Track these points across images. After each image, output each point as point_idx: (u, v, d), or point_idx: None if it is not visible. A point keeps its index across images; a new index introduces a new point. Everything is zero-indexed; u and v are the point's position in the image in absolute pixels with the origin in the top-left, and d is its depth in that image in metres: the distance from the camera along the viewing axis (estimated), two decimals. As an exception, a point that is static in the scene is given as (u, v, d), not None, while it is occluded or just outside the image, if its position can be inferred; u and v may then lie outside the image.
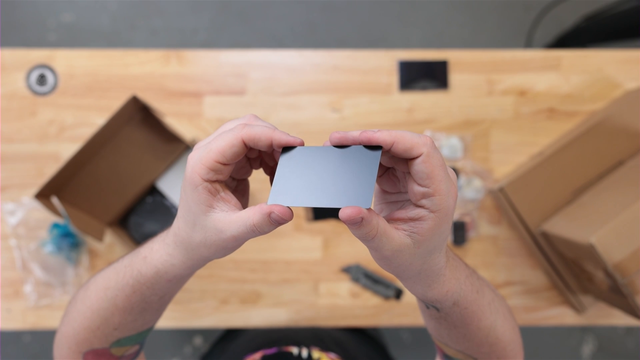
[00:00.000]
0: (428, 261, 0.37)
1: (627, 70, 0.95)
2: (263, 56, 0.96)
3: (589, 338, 1.83)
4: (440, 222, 0.33)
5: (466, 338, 0.46)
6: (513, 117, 0.96)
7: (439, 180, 0.32)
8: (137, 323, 0.46)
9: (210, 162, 0.34)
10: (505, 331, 0.47)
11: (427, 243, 0.34)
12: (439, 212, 0.33)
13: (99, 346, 0.48)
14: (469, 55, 0.96)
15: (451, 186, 0.33)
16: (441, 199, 0.32)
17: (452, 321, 0.44)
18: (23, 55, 0.95)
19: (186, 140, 0.85)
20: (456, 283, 0.40)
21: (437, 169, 0.32)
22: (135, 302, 0.44)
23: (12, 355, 1.80)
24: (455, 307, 0.42)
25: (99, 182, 0.87)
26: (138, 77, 0.95)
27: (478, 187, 0.94)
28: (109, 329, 0.46)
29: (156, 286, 0.43)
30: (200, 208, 0.36)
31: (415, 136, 0.32)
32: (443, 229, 0.34)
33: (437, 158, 0.32)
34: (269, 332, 0.89)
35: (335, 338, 0.84)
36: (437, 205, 0.33)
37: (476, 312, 0.43)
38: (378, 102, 0.95)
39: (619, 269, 0.67)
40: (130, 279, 0.43)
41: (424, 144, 0.32)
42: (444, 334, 0.47)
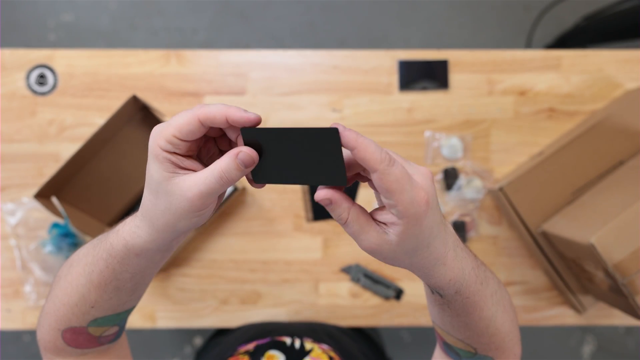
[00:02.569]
0: (415, 257, 0.38)
1: (627, 70, 0.95)
2: (263, 56, 0.96)
3: (589, 338, 1.83)
4: (410, 227, 0.35)
5: (468, 327, 0.47)
6: (513, 117, 0.96)
7: (399, 192, 0.33)
8: (112, 302, 0.46)
9: (168, 135, 0.35)
10: (504, 322, 0.48)
11: (403, 244, 0.36)
12: (406, 219, 0.34)
13: (77, 324, 0.48)
14: (469, 55, 0.96)
15: (417, 193, 0.34)
16: (404, 208, 0.34)
17: (455, 309, 0.45)
18: (23, 55, 0.95)
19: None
20: (460, 273, 0.41)
21: (393, 184, 0.33)
22: (108, 277, 0.44)
23: (12, 355, 1.80)
24: (457, 295, 0.43)
25: (99, 182, 0.87)
26: (138, 77, 0.95)
27: (478, 187, 0.94)
28: (86, 307, 0.46)
29: (125, 261, 0.42)
30: (162, 175, 0.36)
31: (376, 152, 0.33)
32: (417, 231, 0.35)
33: (393, 174, 0.33)
34: (263, 324, 0.90)
35: (329, 331, 0.85)
36: (402, 214, 0.34)
37: (479, 302, 0.44)
38: (378, 102, 0.95)
39: (619, 269, 0.67)
40: (103, 252, 0.43)
41: (380, 161, 0.33)
42: (446, 321, 0.48)
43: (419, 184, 0.35)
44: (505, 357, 0.50)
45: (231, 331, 0.92)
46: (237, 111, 0.35)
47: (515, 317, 0.51)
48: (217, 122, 0.35)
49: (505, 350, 0.49)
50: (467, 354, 0.50)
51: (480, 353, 0.49)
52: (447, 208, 0.95)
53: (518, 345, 0.51)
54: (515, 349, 0.51)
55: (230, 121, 0.35)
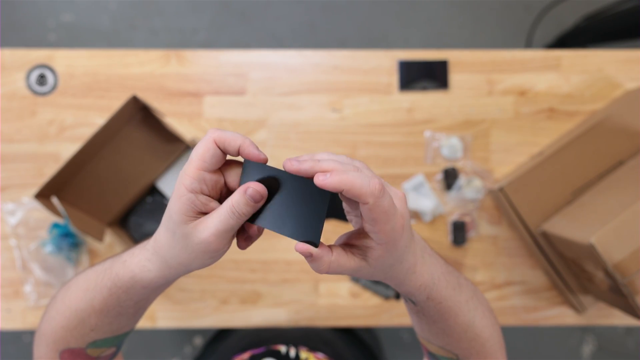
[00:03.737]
0: (390, 271, 0.40)
1: (627, 70, 0.95)
2: (263, 56, 0.96)
3: (589, 338, 1.83)
4: (388, 250, 0.38)
5: (445, 333, 0.48)
6: (513, 117, 0.96)
7: (383, 222, 0.36)
8: (113, 326, 0.47)
9: (193, 170, 0.36)
10: (484, 327, 0.49)
11: (380, 264, 0.39)
12: (385, 244, 0.37)
13: (75, 346, 0.48)
14: (469, 55, 0.96)
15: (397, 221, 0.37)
16: (386, 235, 0.36)
17: (430, 315, 0.46)
18: (23, 55, 0.95)
19: (186, 140, 0.85)
20: (429, 278, 0.43)
21: (381, 215, 0.35)
22: (111, 305, 0.45)
23: (12, 355, 1.80)
24: (429, 301, 0.45)
25: (99, 182, 0.87)
26: (138, 77, 0.95)
27: (478, 187, 0.94)
28: (86, 330, 0.47)
29: (131, 291, 0.43)
30: (182, 218, 0.37)
31: (365, 184, 0.34)
32: (392, 253, 0.38)
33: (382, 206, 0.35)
34: (258, 331, 0.90)
35: (324, 338, 0.85)
36: (382, 239, 0.37)
37: (452, 307, 0.46)
38: (378, 102, 0.95)
39: (619, 269, 0.67)
40: (108, 281, 0.44)
41: (371, 194, 0.34)
42: (425, 329, 0.50)
43: (398, 211, 0.37)
44: None
45: (226, 337, 0.91)
46: (251, 145, 0.36)
47: (497, 323, 0.52)
48: (230, 147, 0.36)
49: (487, 356, 0.50)
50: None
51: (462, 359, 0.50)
52: (447, 208, 0.95)
53: (501, 351, 0.52)
54: (497, 354, 0.51)
55: (242, 152, 0.36)
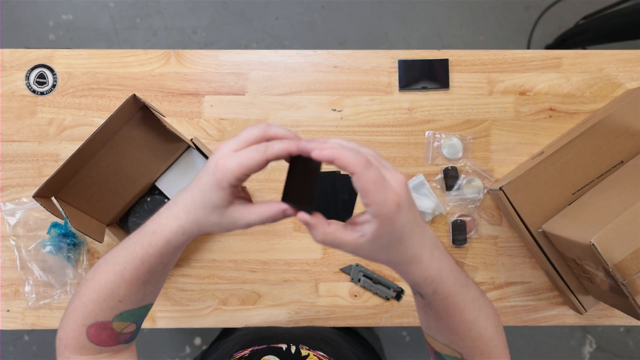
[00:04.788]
0: (391, 253, 0.43)
1: (628, 70, 0.95)
2: (263, 56, 0.96)
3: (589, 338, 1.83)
4: (382, 225, 0.40)
5: (451, 330, 0.49)
6: (513, 116, 0.96)
7: (373, 193, 0.38)
8: (138, 295, 0.52)
9: (240, 174, 0.42)
10: (487, 327, 0.50)
11: (378, 240, 0.41)
12: (379, 217, 0.39)
13: (103, 319, 0.52)
14: (469, 55, 0.96)
15: (388, 195, 0.39)
16: (377, 207, 0.39)
17: (437, 311, 0.48)
18: (23, 55, 0.94)
19: (186, 140, 0.85)
20: (436, 273, 0.46)
21: (369, 184, 0.38)
22: (142, 273, 0.50)
23: (12, 355, 1.80)
24: (436, 295, 0.47)
25: (99, 182, 0.87)
26: (138, 76, 0.95)
27: (478, 187, 0.94)
28: (114, 301, 0.51)
29: (164, 254, 0.49)
30: (223, 203, 0.44)
31: (352, 157, 0.38)
32: (389, 229, 0.41)
33: (369, 176, 0.38)
34: (260, 330, 0.90)
35: (325, 337, 0.85)
36: (375, 212, 0.39)
37: (459, 304, 0.48)
38: (378, 102, 0.95)
39: (620, 269, 0.67)
40: (140, 251, 0.49)
41: (358, 164, 0.38)
42: (432, 325, 0.51)
43: (392, 187, 0.40)
44: None
45: (230, 336, 0.92)
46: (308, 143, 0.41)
47: (501, 326, 0.53)
48: (281, 157, 0.42)
49: (490, 356, 0.51)
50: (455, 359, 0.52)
51: (466, 358, 0.51)
52: (447, 208, 0.94)
53: (505, 352, 0.52)
54: (501, 355, 0.52)
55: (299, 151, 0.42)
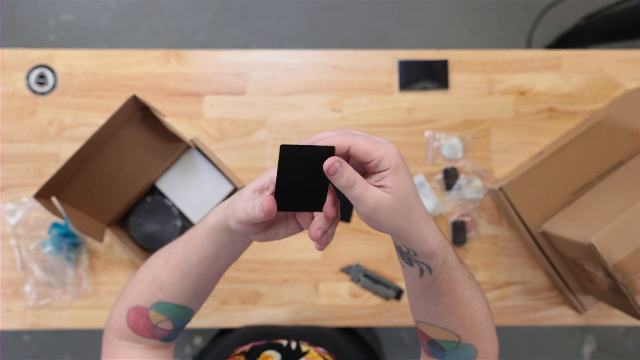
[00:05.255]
0: (409, 211, 0.45)
1: (628, 70, 0.95)
2: (263, 56, 0.96)
3: (589, 338, 1.83)
4: (397, 174, 0.43)
5: (451, 310, 0.51)
6: (513, 117, 0.96)
7: (374, 149, 0.43)
8: (176, 288, 0.54)
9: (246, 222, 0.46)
10: (482, 306, 0.53)
11: (399, 192, 0.44)
12: (391, 168, 0.43)
13: (142, 303, 0.55)
14: (469, 55, 0.96)
15: (388, 147, 0.43)
16: (386, 159, 0.43)
17: (441, 287, 0.50)
18: (23, 55, 0.94)
19: (186, 140, 0.85)
20: (444, 240, 0.48)
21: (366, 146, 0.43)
22: (181, 259, 0.53)
23: (12, 355, 1.80)
24: (444, 266, 0.48)
25: (99, 182, 0.87)
26: (138, 76, 0.95)
27: (478, 187, 0.94)
28: (156, 287, 0.54)
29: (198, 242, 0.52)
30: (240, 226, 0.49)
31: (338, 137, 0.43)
32: (403, 177, 0.44)
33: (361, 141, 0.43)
34: (260, 327, 0.90)
35: (325, 334, 0.85)
36: (386, 164, 0.43)
37: (459, 278, 0.50)
38: (378, 102, 0.95)
39: (619, 269, 0.67)
40: (184, 236, 0.54)
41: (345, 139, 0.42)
42: (431, 308, 0.52)
43: (385, 142, 0.44)
44: (485, 345, 0.53)
45: (230, 333, 0.92)
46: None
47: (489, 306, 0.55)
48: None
49: (485, 337, 0.53)
50: (451, 344, 0.53)
51: (463, 341, 0.52)
52: (447, 208, 0.94)
53: (495, 335, 0.55)
54: (493, 338, 0.54)
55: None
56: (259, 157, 0.95)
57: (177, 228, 0.92)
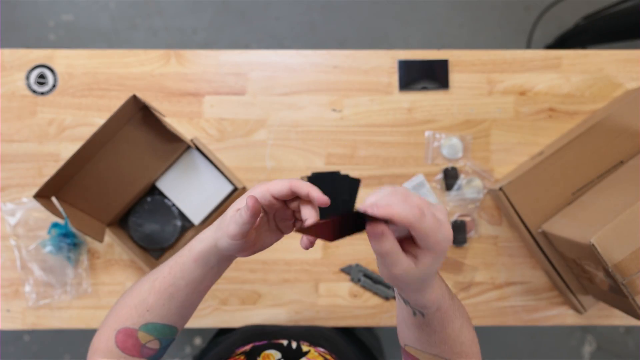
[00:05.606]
0: (425, 281, 0.46)
1: (628, 70, 0.95)
2: (263, 56, 0.96)
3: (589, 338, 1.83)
4: (436, 258, 0.43)
5: (443, 341, 0.53)
6: (513, 117, 0.96)
7: (433, 235, 0.41)
8: (164, 309, 0.56)
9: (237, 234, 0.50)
10: (469, 330, 0.55)
11: (425, 271, 0.44)
12: (435, 252, 0.43)
13: (131, 325, 0.57)
14: (469, 55, 0.96)
15: (445, 230, 0.42)
16: (439, 245, 0.42)
17: (433, 326, 0.51)
18: (23, 55, 0.94)
19: (186, 140, 0.85)
20: (440, 291, 0.49)
21: (429, 231, 0.41)
22: (167, 283, 0.56)
23: (12, 355, 1.80)
24: (437, 312, 0.50)
25: (99, 182, 0.87)
26: (138, 76, 0.95)
27: (478, 187, 0.94)
28: (143, 309, 0.56)
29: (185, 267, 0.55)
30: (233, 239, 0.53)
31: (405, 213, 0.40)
32: (438, 261, 0.44)
33: (426, 225, 0.41)
34: (261, 327, 0.90)
35: (325, 335, 0.85)
36: (434, 248, 0.42)
37: (450, 315, 0.52)
38: (378, 102, 0.95)
39: (620, 269, 0.67)
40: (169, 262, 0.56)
41: (413, 218, 0.40)
42: (423, 340, 0.54)
43: (444, 224, 0.43)
44: None
45: (230, 333, 0.92)
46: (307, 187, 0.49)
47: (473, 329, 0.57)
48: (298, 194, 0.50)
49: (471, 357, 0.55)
50: None
51: None
52: (447, 208, 0.94)
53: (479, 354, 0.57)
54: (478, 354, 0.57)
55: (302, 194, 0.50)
56: (259, 157, 0.95)
57: (177, 228, 0.91)
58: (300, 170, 0.95)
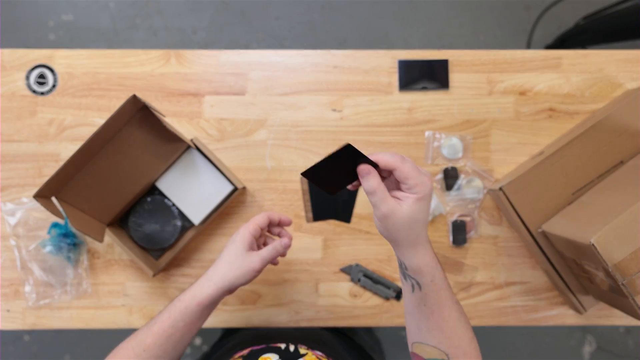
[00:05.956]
0: (411, 230, 0.54)
1: (628, 70, 0.95)
2: (263, 56, 0.96)
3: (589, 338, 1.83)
4: (418, 201, 0.53)
5: (440, 328, 0.57)
6: (513, 117, 0.96)
7: (412, 177, 0.52)
8: (160, 350, 0.63)
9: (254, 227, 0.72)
10: (468, 329, 0.59)
11: (409, 213, 0.53)
12: (417, 195, 0.53)
13: None
14: (469, 55, 0.96)
15: (425, 178, 0.53)
16: (419, 188, 0.52)
17: (430, 304, 0.56)
18: (23, 55, 0.94)
19: (186, 140, 0.85)
20: (433, 260, 0.56)
21: (410, 172, 0.52)
22: (166, 325, 0.63)
23: (12, 355, 1.80)
24: (432, 285, 0.56)
25: (99, 182, 0.87)
26: (138, 76, 0.95)
27: (478, 187, 0.94)
28: (140, 349, 0.62)
29: (186, 311, 0.64)
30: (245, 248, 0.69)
31: (390, 157, 0.52)
32: (420, 206, 0.53)
33: (407, 167, 0.52)
34: (259, 330, 0.91)
35: (323, 338, 0.86)
36: (415, 190, 0.53)
37: (447, 300, 0.57)
38: (378, 102, 0.95)
39: (620, 269, 0.67)
40: (169, 307, 0.65)
41: (395, 161, 0.52)
42: (422, 326, 0.58)
43: (425, 174, 0.54)
44: None
45: (230, 338, 0.92)
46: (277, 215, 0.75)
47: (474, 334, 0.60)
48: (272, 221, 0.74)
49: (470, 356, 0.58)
50: None
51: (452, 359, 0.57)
52: (447, 208, 0.94)
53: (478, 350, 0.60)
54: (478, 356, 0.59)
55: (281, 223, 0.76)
56: (259, 157, 0.95)
57: (177, 228, 0.91)
58: (300, 170, 0.95)
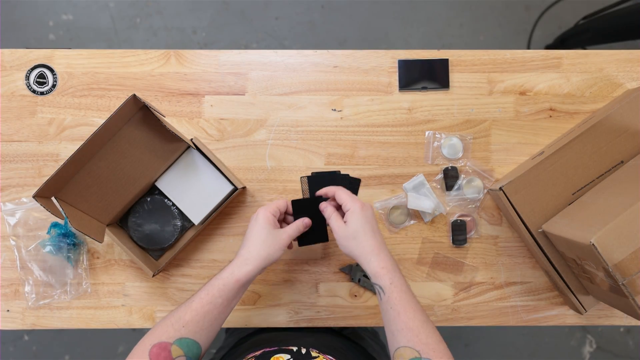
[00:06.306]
0: (361, 241, 0.71)
1: (628, 70, 0.95)
2: (263, 56, 0.96)
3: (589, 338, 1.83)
4: (351, 215, 0.72)
5: (408, 327, 0.64)
6: (513, 116, 0.96)
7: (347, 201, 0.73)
8: (197, 326, 0.66)
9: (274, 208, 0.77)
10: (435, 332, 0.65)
11: (349, 226, 0.72)
12: (349, 211, 0.72)
13: (166, 339, 0.64)
14: (469, 55, 0.96)
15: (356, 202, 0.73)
16: (351, 207, 0.73)
17: (395, 306, 0.66)
18: (23, 55, 0.94)
19: (186, 140, 0.85)
20: (390, 265, 0.69)
21: (344, 197, 0.74)
22: (205, 302, 0.67)
23: (12, 355, 1.80)
24: (393, 287, 0.67)
25: (99, 182, 0.86)
26: (138, 76, 0.95)
27: (478, 187, 0.94)
28: (179, 325, 0.65)
29: (224, 288, 0.68)
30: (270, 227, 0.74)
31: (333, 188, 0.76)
32: (355, 219, 0.72)
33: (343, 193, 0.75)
34: (271, 335, 0.91)
35: (335, 345, 0.87)
36: (348, 207, 0.73)
37: (411, 301, 0.66)
38: (378, 102, 0.95)
39: (620, 269, 0.67)
40: (206, 286, 0.69)
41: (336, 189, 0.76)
42: (394, 329, 0.66)
43: (358, 200, 0.74)
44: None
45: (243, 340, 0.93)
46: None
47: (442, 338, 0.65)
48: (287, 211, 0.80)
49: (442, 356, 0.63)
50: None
51: (423, 356, 0.62)
52: (447, 208, 0.94)
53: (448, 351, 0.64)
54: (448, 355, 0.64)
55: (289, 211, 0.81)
56: (259, 157, 0.95)
57: (177, 228, 0.91)
58: (300, 170, 0.95)
